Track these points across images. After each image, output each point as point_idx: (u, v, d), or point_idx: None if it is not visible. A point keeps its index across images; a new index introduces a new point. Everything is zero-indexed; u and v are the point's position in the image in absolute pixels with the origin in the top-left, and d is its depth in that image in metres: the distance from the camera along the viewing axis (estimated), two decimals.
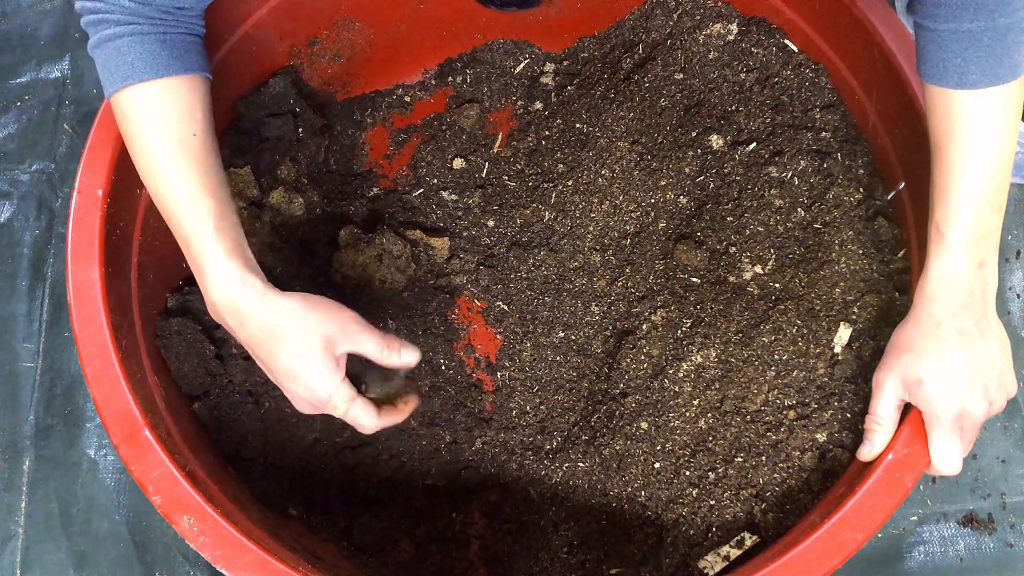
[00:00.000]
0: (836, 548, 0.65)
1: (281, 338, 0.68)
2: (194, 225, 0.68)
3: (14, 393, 1.06)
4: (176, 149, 0.69)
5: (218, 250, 0.68)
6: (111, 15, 0.68)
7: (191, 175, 0.69)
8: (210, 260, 0.68)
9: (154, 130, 0.69)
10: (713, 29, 0.99)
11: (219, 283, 0.68)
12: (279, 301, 0.68)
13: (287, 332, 0.68)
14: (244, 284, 0.68)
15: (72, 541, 0.99)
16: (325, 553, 0.85)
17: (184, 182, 0.69)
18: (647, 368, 0.86)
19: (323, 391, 0.69)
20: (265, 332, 0.68)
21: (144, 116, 0.69)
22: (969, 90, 0.64)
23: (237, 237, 0.70)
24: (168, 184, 0.69)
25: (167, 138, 0.69)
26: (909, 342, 0.69)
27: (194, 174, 0.69)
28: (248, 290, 0.68)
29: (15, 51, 1.27)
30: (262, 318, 0.68)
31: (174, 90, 0.70)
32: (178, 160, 0.69)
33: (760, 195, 0.91)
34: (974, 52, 0.63)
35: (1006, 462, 0.97)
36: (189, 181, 0.69)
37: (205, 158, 0.70)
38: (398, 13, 1.03)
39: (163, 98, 0.69)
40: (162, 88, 0.69)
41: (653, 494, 0.81)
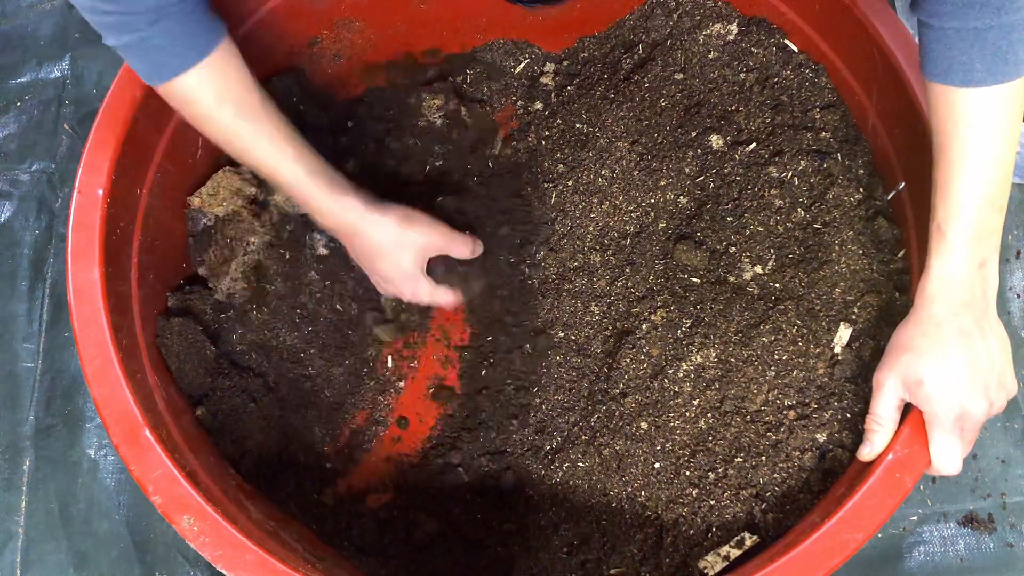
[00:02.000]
0: (836, 548, 0.65)
1: (380, 252, 0.83)
2: (290, 174, 0.78)
3: (14, 393, 1.06)
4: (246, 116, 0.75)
5: (316, 190, 0.78)
6: (131, 16, 0.68)
7: (267, 134, 0.76)
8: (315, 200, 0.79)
9: (221, 107, 0.74)
10: (713, 29, 0.99)
11: (327, 215, 0.80)
12: (379, 220, 0.81)
13: (385, 247, 0.83)
14: (346, 211, 0.80)
15: (72, 541, 0.99)
16: (325, 553, 0.85)
17: (265, 142, 0.76)
18: (647, 368, 0.86)
19: (409, 291, 0.87)
20: (369, 247, 0.83)
21: (205, 97, 0.74)
22: (973, 88, 0.64)
23: (325, 170, 0.79)
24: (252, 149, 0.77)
25: (234, 110, 0.75)
26: (909, 342, 0.69)
27: (268, 131, 0.77)
28: (352, 216, 0.80)
29: (15, 51, 1.27)
30: (366, 237, 0.82)
31: (219, 64, 0.74)
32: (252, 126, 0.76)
33: (760, 195, 0.91)
34: (979, 50, 0.63)
35: (1006, 462, 0.97)
36: (268, 139, 0.76)
37: (268, 111, 0.77)
38: (398, 13, 1.03)
39: (213, 76, 0.74)
40: (209, 67, 0.73)
41: (653, 494, 0.81)
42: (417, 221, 0.84)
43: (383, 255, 0.83)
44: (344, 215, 0.80)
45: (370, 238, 0.82)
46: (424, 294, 0.87)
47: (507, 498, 0.89)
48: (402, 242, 0.83)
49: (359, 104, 1.07)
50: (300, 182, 0.78)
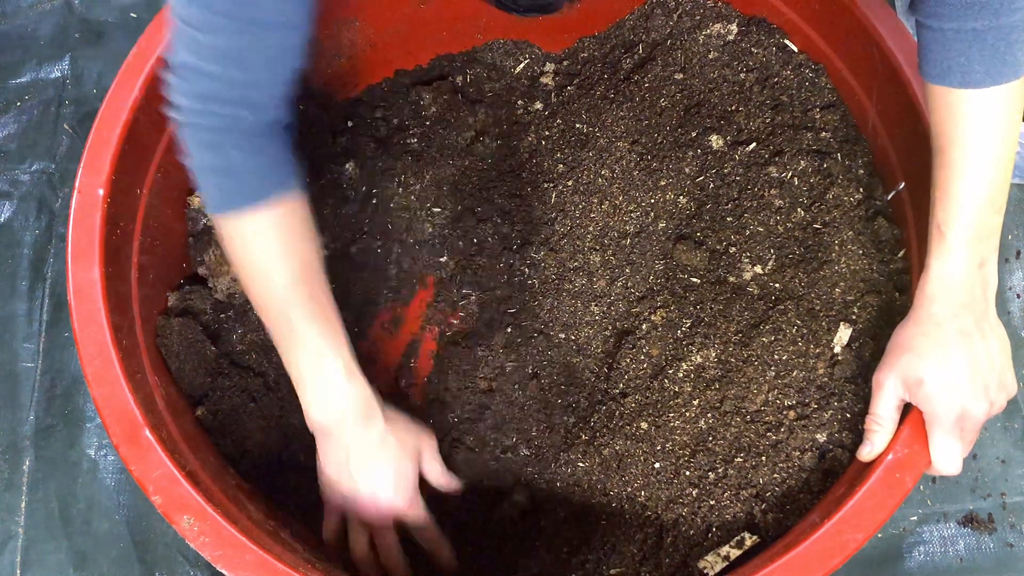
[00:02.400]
0: (836, 548, 0.65)
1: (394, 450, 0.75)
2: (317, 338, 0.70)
3: (14, 393, 1.06)
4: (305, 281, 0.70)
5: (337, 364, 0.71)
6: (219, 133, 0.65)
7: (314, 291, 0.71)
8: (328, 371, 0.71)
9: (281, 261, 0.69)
10: (713, 29, 0.99)
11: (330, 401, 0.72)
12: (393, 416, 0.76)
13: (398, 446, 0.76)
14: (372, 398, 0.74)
15: (72, 541, 0.99)
16: (325, 553, 0.85)
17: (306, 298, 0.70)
18: (647, 368, 0.86)
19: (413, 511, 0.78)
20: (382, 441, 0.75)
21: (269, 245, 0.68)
22: (972, 89, 0.64)
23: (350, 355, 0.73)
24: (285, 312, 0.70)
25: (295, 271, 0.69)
26: (910, 342, 0.69)
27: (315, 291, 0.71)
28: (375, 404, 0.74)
29: (15, 51, 1.27)
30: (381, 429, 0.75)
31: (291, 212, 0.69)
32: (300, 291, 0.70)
33: (760, 195, 0.91)
34: (978, 51, 0.63)
35: (1006, 462, 0.97)
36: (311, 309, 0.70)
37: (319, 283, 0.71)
38: (398, 13, 1.03)
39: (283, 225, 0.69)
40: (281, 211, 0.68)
41: (653, 494, 0.81)
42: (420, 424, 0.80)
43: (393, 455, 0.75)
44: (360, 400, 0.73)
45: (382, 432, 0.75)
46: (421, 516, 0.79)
47: (507, 499, 0.89)
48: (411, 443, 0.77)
49: (359, 104, 1.07)
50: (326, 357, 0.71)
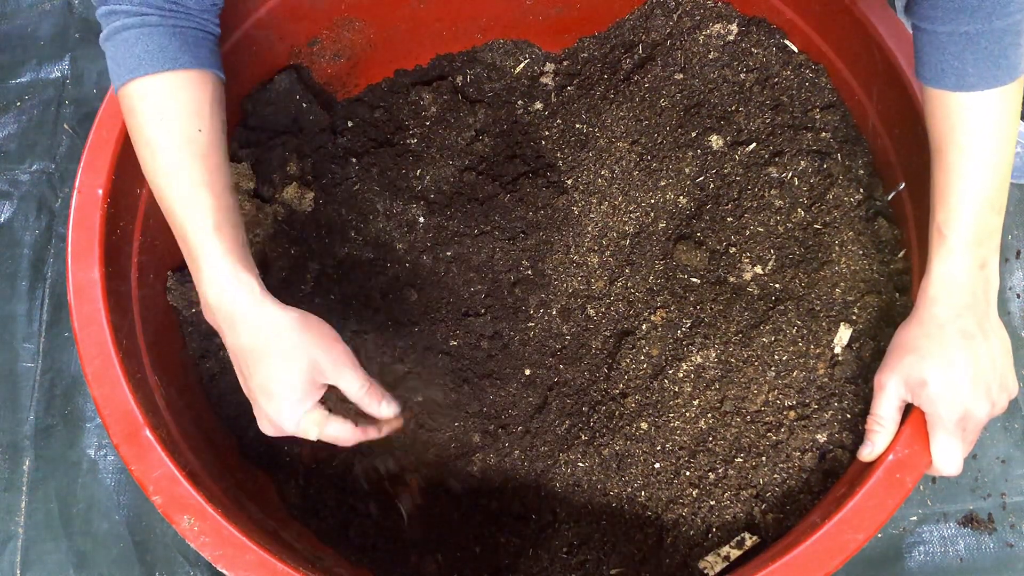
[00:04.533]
0: (837, 548, 0.65)
1: (267, 351, 0.66)
2: (194, 223, 0.66)
3: (14, 393, 1.06)
4: (180, 145, 0.67)
5: (217, 250, 0.66)
6: (121, 6, 0.66)
7: (194, 173, 0.67)
8: (208, 260, 0.66)
9: (159, 124, 0.66)
10: (713, 29, 0.99)
11: (216, 283, 0.66)
12: (274, 313, 0.66)
13: (274, 346, 0.65)
14: (241, 286, 0.66)
15: (72, 541, 0.99)
16: (325, 553, 0.85)
17: (187, 180, 0.67)
18: (647, 368, 0.86)
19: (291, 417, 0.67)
20: (254, 341, 0.66)
21: (150, 111, 0.67)
22: (967, 92, 0.64)
23: (238, 238, 0.68)
24: (170, 181, 0.67)
25: (172, 133, 0.67)
26: (912, 343, 0.69)
27: (197, 171, 0.67)
28: (245, 295, 0.66)
29: (15, 51, 1.27)
30: (254, 326, 0.66)
31: (182, 84, 0.68)
32: (182, 157, 0.67)
33: (760, 195, 0.91)
34: (971, 54, 0.63)
35: (1006, 462, 0.97)
36: (192, 179, 0.66)
37: (210, 156, 0.68)
38: (398, 13, 1.03)
39: (170, 92, 0.67)
40: (170, 81, 0.67)
41: (653, 494, 0.81)
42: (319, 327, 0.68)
43: (266, 357, 0.65)
44: (236, 290, 0.66)
45: (256, 331, 0.65)
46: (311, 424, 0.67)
47: (507, 499, 0.89)
48: (293, 344, 0.65)
49: (359, 103, 1.07)
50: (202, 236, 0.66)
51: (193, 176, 0.67)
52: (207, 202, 0.66)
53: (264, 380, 0.66)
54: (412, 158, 1.02)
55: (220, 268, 0.66)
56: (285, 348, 0.66)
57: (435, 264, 0.97)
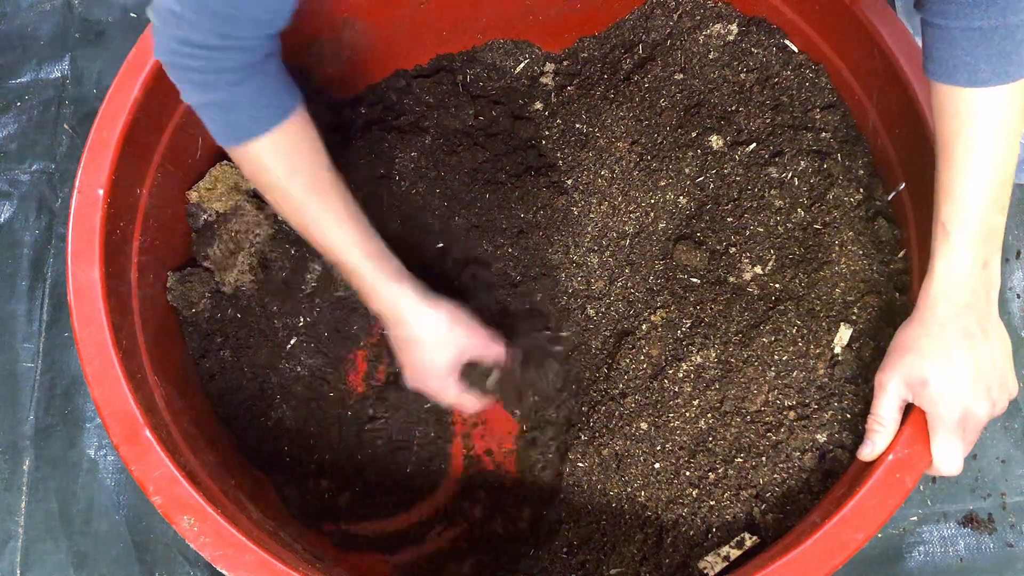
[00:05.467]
0: (836, 548, 0.65)
1: (421, 344, 0.81)
2: (354, 257, 0.76)
3: (14, 393, 1.06)
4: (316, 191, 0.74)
5: (378, 273, 0.77)
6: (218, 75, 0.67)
7: (335, 212, 0.75)
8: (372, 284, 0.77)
9: (292, 178, 0.72)
10: (713, 29, 0.99)
11: (380, 299, 0.78)
12: (428, 313, 0.79)
13: (427, 341, 0.80)
14: (400, 297, 0.78)
15: (72, 541, 0.99)
16: (325, 553, 0.85)
17: (333, 221, 0.75)
18: (647, 368, 0.86)
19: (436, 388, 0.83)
20: (411, 338, 0.80)
21: (278, 165, 0.72)
22: (979, 88, 0.64)
23: (385, 254, 0.78)
24: (319, 226, 0.75)
25: (305, 184, 0.73)
26: (913, 343, 0.69)
27: (337, 210, 0.75)
28: (404, 301, 0.78)
29: (15, 51, 1.27)
30: (411, 327, 0.79)
31: (295, 131, 0.72)
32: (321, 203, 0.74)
33: (760, 195, 0.91)
34: (984, 50, 0.63)
35: (1006, 462, 0.97)
36: (336, 219, 0.75)
37: (339, 188, 0.75)
38: (398, 13, 1.03)
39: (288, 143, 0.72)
40: (285, 133, 0.71)
41: (653, 494, 0.81)
42: (464, 323, 0.82)
43: (423, 348, 0.81)
44: (397, 302, 0.79)
45: (415, 329, 0.80)
46: (450, 395, 0.84)
47: (507, 498, 0.89)
48: (445, 340, 0.81)
49: (359, 103, 1.07)
50: (362, 265, 0.77)
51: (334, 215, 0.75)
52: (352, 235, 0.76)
53: (419, 364, 0.82)
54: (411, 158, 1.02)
55: (382, 289, 0.78)
56: (436, 342, 0.81)
57: None
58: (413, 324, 0.79)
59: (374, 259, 0.77)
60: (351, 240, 0.76)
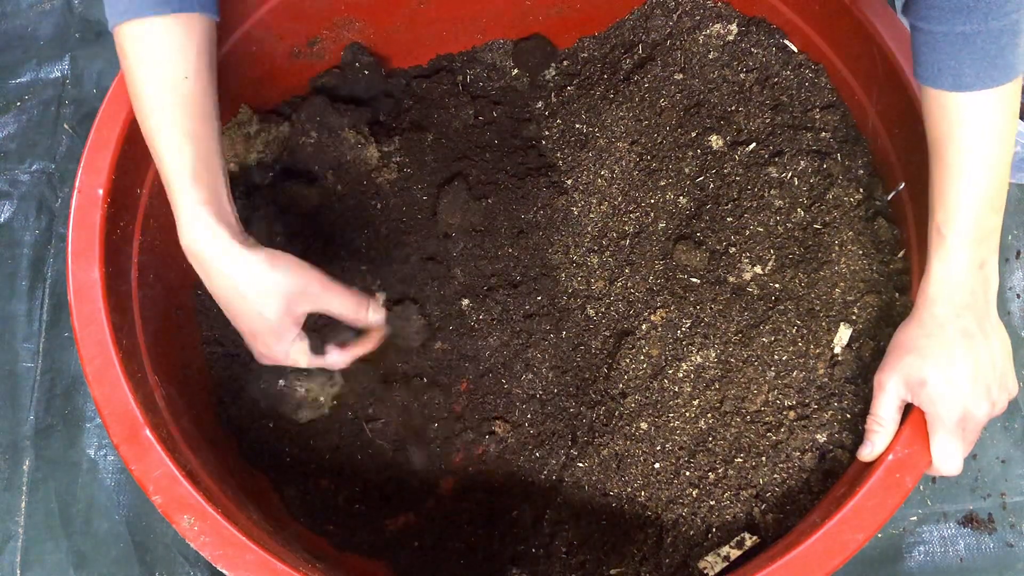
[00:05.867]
0: (837, 548, 0.65)
1: (242, 294, 0.69)
2: (173, 169, 0.68)
3: (14, 393, 1.06)
4: (165, 91, 0.67)
5: (192, 197, 0.67)
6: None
7: (177, 118, 0.68)
8: (183, 206, 0.68)
9: (147, 69, 0.67)
10: (713, 29, 0.99)
11: (188, 230, 0.68)
12: (244, 256, 0.68)
13: (248, 289, 0.69)
14: (211, 234, 0.68)
15: (72, 541, 0.98)
16: (325, 553, 0.85)
17: (168, 125, 0.68)
18: (646, 368, 0.86)
19: (280, 350, 0.72)
20: (228, 285, 0.69)
21: (138, 55, 0.67)
22: (965, 92, 0.64)
23: (214, 185, 0.69)
24: (153, 126, 0.68)
25: (158, 79, 0.67)
26: (912, 343, 0.69)
27: (179, 117, 0.68)
28: (215, 241, 0.68)
29: (15, 51, 1.27)
30: (225, 271, 0.69)
31: (171, 29, 0.67)
32: (164, 102, 0.68)
33: (760, 195, 0.91)
34: (968, 55, 0.63)
35: (1006, 462, 0.97)
36: (174, 124, 0.67)
37: (195, 101, 0.69)
38: (398, 13, 1.03)
39: (159, 38, 0.67)
40: (159, 26, 0.67)
41: (653, 494, 0.81)
42: (286, 262, 0.71)
43: (242, 299, 0.70)
44: (206, 237, 0.68)
45: (228, 276, 0.69)
46: (297, 353, 0.72)
47: (507, 498, 0.89)
48: (265, 285, 0.69)
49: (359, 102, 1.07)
50: (179, 182, 0.67)
51: (176, 123, 0.67)
52: (187, 150, 0.67)
53: (247, 321, 0.71)
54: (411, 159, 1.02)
55: (193, 216, 0.68)
56: (259, 288, 0.69)
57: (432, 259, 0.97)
58: (224, 269, 0.68)
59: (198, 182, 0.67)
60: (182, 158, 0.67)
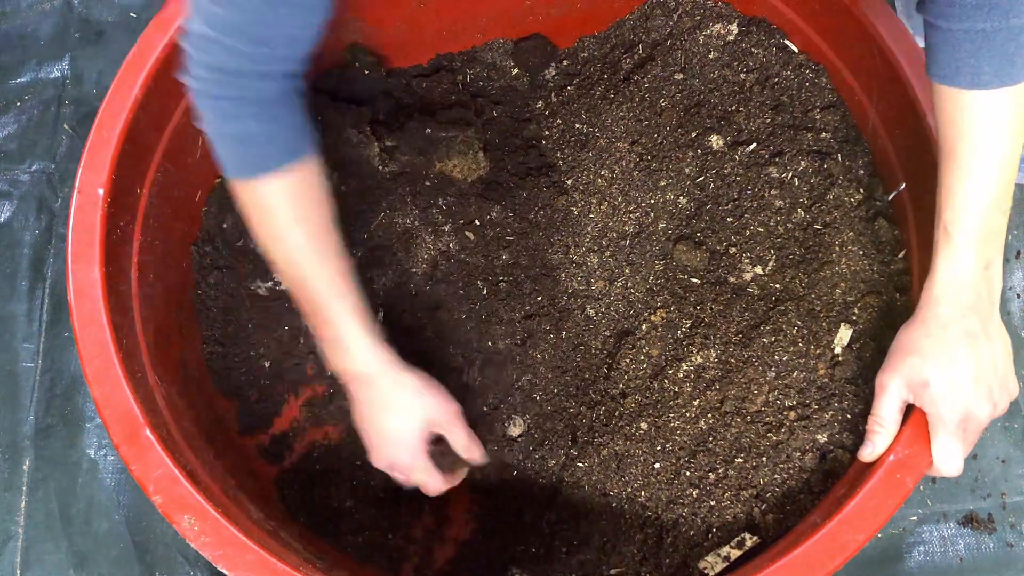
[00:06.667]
0: (837, 549, 0.65)
1: (392, 409, 0.77)
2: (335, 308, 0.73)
3: (14, 393, 1.06)
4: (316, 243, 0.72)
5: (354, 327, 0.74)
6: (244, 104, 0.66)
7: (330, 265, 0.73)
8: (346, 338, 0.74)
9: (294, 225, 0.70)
10: (713, 29, 0.99)
11: (349, 356, 0.75)
12: (401, 379, 0.76)
13: (399, 406, 0.76)
14: (378, 359, 0.75)
15: (72, 541, 0.98)
16: (325, 553, 0.85)
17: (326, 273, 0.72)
18: (647, 368, 0.86)
19: (407, 461, 0.78)
20: (382, 400, 0.76)
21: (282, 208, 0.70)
22: (981, 91, 0.64)
23: (366, 311, 0.75)
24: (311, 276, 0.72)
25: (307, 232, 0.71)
26: (915, 344, 0.69)
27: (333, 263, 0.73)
28: (380, 364, 0.75)
29: (15, 51, 1.27)
30: (380, 389, 0.76)
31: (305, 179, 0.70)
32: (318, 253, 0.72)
33: (760, 196, 0.91)
34: (987, 52, 0.63)
35: (1006, 462, 0.97)
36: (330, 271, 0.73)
37: (338, 246, 0.73)
38: (398, 13, 1.03)
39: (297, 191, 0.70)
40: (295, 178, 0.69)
41: (653, 494, 0.81)
42: (436, 390, 0.79)
43: (391, 413, 0.77)
44: (368, 361, 0.75)
45: (384, 392, 0.76)
46: (419, 471, 0.78)
47: (507, 499, 0.89)
48: (414, 406, 0.77)
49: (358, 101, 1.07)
50: (341, 317, 0.73)
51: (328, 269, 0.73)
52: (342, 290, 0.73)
53: (387, 430, 0.77)
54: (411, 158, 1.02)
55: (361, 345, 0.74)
56: (406, 408, 0.77)
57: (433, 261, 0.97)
58: (381, 386, 0.76)
59: (357, 317, 0.74)
60: (339, 293, 0.73)
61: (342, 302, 0.73)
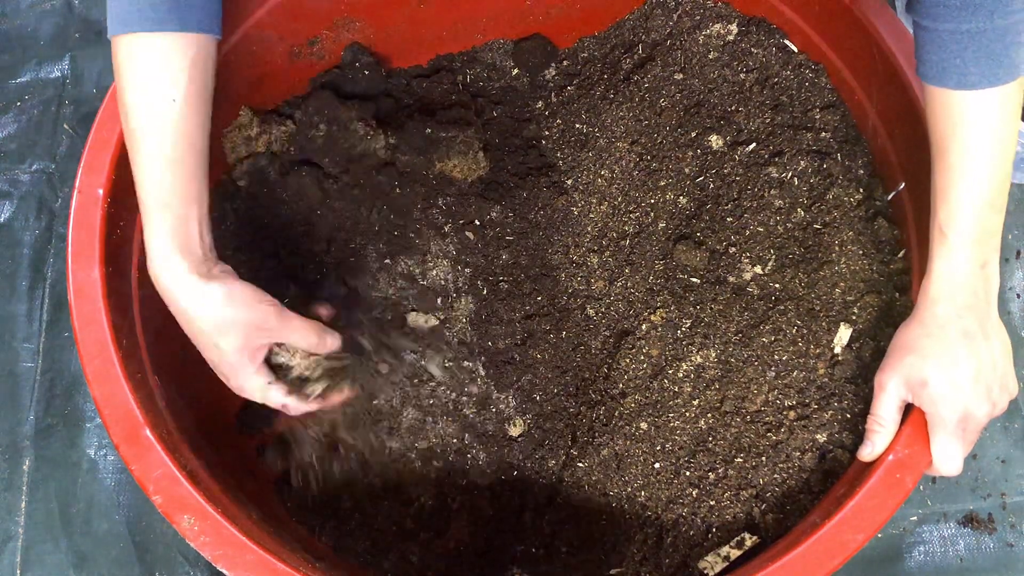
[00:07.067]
0: (837, 548, 0.65)
1: (200, 328, 0.69)
2: (144, 196, 0.68)
3: (14, 393, 1.06)
4: (149, 114, 0.67)
5: (158, 226, 0.67)
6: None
7: (156, 143, 0.67)
8: (148, 235, 0.68)
9: (134, 89, 0.67)
10: (713, 29, 0.99)
11: (151, 260, 0.69)
12: (200, 289, 0.68)
13: (205, 323, 0.69)
14: (171, 265, 0.68)
15: (72, 541, 0.99)
16: (325, 553, 0.85)
17: (147, 149, 0.67)
18: (646, 368, 0.86)
19: (236, 382, 0.72)
20: (185, 318, 0.70)
21: (129, 72, 0.67)
22: (969, 91, 0.64)
23: (185, 213, 0.68)
24: (133, 148, 0.68)
25: (144, 101, 0.67)
26: (913, 343, 0.69)
27: (159, 142, 0.67)
28: (174, 272, 0.68)
29: (15, 51, 1.27)
30: (182, 304, 0.69)
31: (164, 49, 0.67)
32: (146, 125, 0.67)
33: (760, 195, 0.91)
34: (973, 53, 0.63)
35: (1006, 462, 0.97)
36: (152, 148, 0.67)
37: (178, 127, 0.68)
38: (398, 13, 1.03)
39: (151, 56, 0.66)
40: (153, 44, 0.66)
41: (653, 494, 0.81)
42: (243, 296, 0.70)
43: (200, 332, 0.70)
44: (165, 269, 0.68)
45: (184, 309, 0.69)
46: (255, 390, 0.72)
47: (507, 499, 0.89)
48: (222, 321, 0.69)
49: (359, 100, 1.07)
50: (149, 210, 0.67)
51: (154, 148, 0.67)
52: (162, 177, 0.67)
53: (206, 352, 0.71)
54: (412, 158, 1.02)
55: (157, 247, 0.68)
56: (216, 322, 0.69)
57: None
58: (183, 305, 0.68)
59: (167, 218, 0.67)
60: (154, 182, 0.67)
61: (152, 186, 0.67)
